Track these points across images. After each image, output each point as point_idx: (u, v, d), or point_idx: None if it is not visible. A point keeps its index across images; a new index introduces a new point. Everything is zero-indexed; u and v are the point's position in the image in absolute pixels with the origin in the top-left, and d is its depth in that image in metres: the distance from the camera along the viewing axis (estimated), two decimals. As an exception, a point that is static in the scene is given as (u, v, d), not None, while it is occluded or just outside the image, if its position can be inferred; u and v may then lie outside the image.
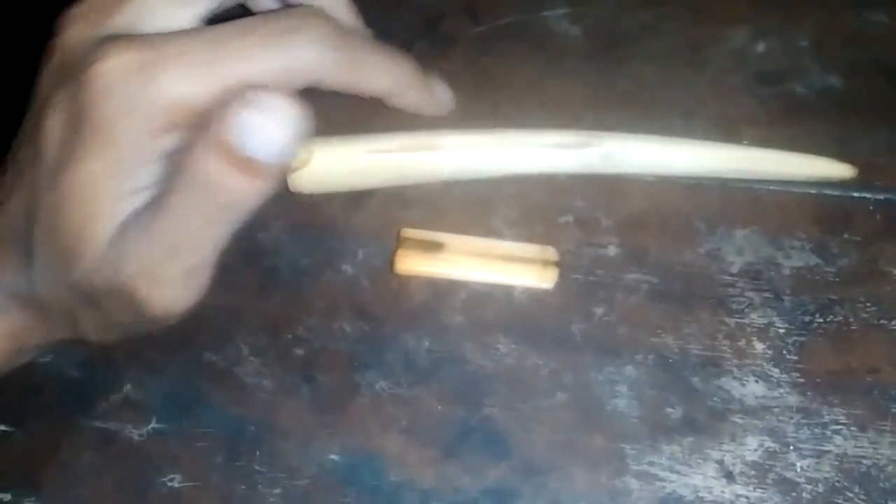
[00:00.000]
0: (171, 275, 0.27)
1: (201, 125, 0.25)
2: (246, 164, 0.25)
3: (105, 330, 0.30)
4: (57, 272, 0.28)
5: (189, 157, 0.25)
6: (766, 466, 0.33)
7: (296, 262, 0.38)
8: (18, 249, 0.29)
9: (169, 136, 0.26)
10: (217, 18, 0.29)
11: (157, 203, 0.26)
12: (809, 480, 0.33)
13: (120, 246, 0.26)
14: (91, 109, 0.25)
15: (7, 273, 0.29)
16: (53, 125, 0.26)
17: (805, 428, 0.34)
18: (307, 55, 0.26)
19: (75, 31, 0.27)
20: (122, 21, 0.27)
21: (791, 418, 0.34)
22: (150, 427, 0.36)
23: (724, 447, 0.34)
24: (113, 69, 0.25)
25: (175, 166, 0.26)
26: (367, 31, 0.36)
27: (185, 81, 0.25)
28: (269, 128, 0.25)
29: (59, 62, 0.27)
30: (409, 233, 0.38)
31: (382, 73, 0.29)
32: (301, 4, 0.36)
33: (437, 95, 0.33)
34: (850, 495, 0.32)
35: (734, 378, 0.35)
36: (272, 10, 0.33)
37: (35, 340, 0.31)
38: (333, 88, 0.28)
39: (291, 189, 0.32)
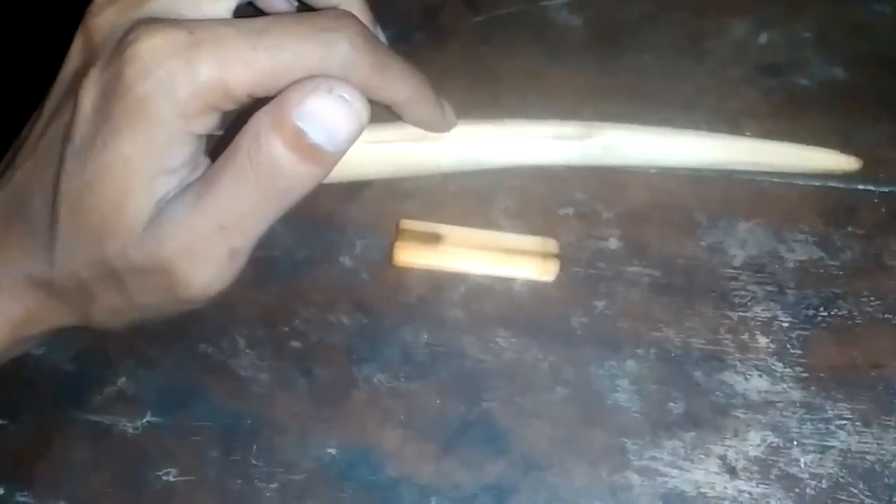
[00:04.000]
0: (214, 254, 0.27)
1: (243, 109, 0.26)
2: (310, 150, 0.26)
3: (120, 313, 0.30)
4: (86, 250, 0.28)
5: (247, 138, 0.26)
6: (769, 462, 0.33)
7: (293, 254, 0.37)
8: (35, 229, 0.29)
9: (203, 118, 0.26)
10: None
11: (205, 182, 0.27)
12: (813, 476, 0.33)
13: (162, 223, 0.27)
14: (128, 89, 0.25)
15: (21, 255, 0.29)
16: (86, 104, 0.27)
17: (808, 423, 0.33)
18: (341, 53, 0.27)
19: (107, 15, 0.28)
20: (154, 8, 0.28)
21: (794, 413, 0.33)
22: (144, 420, 0.35)
23: (727, 442, 0.33)
24: (152, 50, 0.25)
25: (225, 146, 0.26)
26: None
27: (223, 67, 0.26)
28: (338, 117, 0.26)
29: (89, 45, 0.28)
30: (408, 224, 0.37)
31: (403, 82, 0.30)
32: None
33: (446, 112, 0.33)
34: (854, 491, 0.32)
35: (737, 372, 0.34)
36: (309, 11, 0.33)
37: (39, 328, 0.31)
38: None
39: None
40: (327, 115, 0.26)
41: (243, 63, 0.26)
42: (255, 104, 0.26)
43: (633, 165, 0.37)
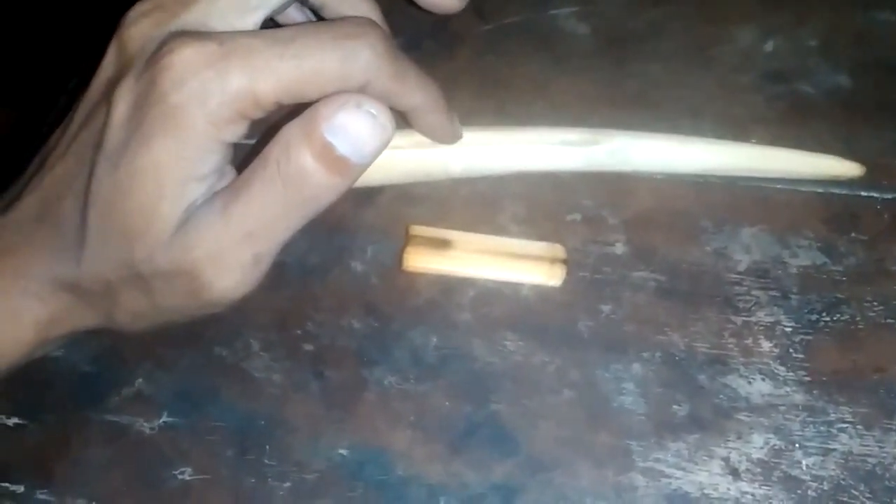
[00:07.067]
0: (239, 260, 0.28)
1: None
2: (337, 162, 0.27)
3: (143, 316, 0.31)
4: (114, 253, 0.29)
5: (278, 149, 0.27)
6: (772, 464, 0.33)
7: (305, 259, 0.38)
8: (64, 232, 0.29)
9: (233, 126, 0.27)
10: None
11: (233, 190, 0.28)
12: (815, 478, 0.33)
13: (190, 229, 0.28)
14: (162, 97, 0.26)
15: (48, 257, 0.30)
16: (119, 111, 0.27)
17: (811, 426, 0.34)
18: (363, 59, 0.27)
19: (142, 27, 0.29)
20: (186, 21, 0.28)
21: (797, 416, 0.34)
22: (160, 421, 0.36)
23: (730, 445, 0.34)
24: (185, 61, 0.26)
25: (254, 156, 0.27)
26: None
27: (252, 76, 0.26)
28: (366, 132, 0.27)
29: (123, 55, 0.29)
30: (418, 230, 0.38)
31: (419, 89, 0.30)
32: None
33: (454, 123, 0.34)
34: (856, 493, 0.33)
35: (740, 376, 0.35)
36: (332, 19, 0.35)
37: (63, 330, 0.31)
38: (377, 95, 0.29)
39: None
40: (355, 129, 0.27)
41: (271, 72, 0.26)
42: (285, 118, 0.27)
43: (640, 172, 0.38)
